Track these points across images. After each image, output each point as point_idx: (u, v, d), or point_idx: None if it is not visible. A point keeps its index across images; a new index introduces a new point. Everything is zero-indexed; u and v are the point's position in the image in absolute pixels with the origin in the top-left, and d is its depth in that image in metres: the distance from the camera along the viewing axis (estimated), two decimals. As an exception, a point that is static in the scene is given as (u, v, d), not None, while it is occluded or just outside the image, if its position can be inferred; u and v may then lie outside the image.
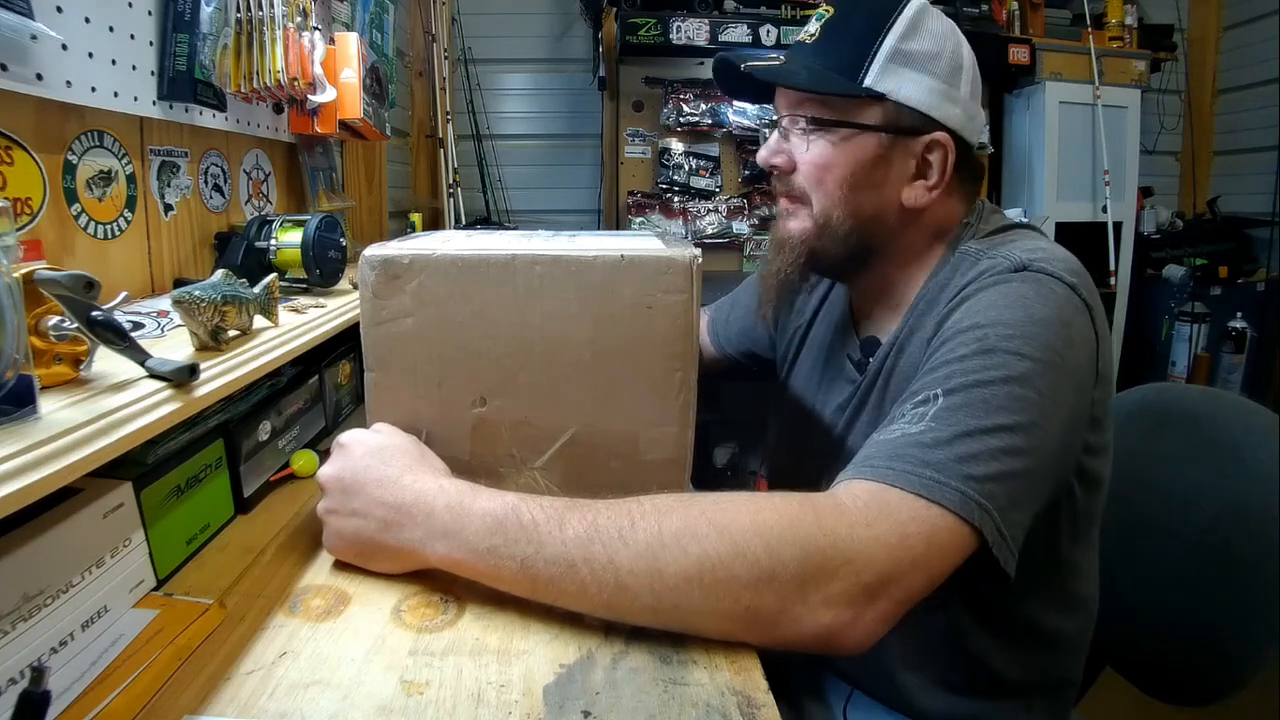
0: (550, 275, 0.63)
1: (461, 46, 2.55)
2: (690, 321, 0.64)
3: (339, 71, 1.17)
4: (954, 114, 0.68)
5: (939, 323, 0.63)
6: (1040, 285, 0.60)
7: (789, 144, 0.72)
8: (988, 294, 0.61)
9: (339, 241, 1.00)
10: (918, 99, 0.67)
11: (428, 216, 2.39)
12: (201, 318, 0.62)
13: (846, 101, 0.68)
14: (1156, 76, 2.80)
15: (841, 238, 0.70)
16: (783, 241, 0.74)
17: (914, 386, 0.59)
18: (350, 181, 1.72)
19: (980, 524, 0.50)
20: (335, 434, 0.96)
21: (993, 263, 0.63)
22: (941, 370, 0.57)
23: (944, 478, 0.50)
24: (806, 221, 0.72)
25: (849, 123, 0.68)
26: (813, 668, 0.82)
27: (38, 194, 0.74)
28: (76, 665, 0.47)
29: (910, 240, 0.72)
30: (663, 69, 2.47)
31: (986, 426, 0.52)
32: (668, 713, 0.46)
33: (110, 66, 0.81)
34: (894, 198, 0.69)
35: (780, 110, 0.73)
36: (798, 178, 0.71)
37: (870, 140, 0.68)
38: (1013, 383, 0.54)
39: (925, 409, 0.55)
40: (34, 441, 0.41)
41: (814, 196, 0.70)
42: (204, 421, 0.67)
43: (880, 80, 0.66)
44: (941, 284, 0.68)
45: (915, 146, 0.68)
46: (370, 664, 0.50)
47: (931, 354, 0.61)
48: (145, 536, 0.57)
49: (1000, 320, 0.57)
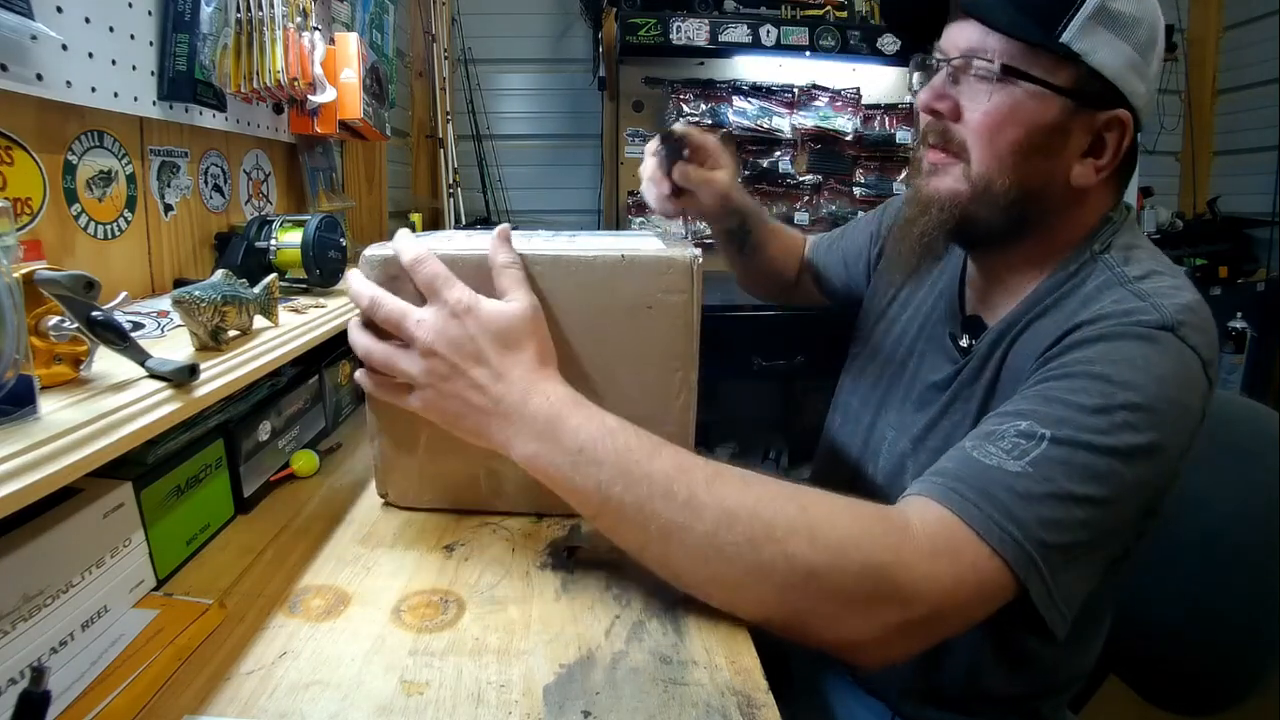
0: (550, 275, 0.62)
1: (461, 46, 2.55)
2: (691, 321, 0.63)
3: (339, 71, 1.17)
4: (1140, 91, 0.61)
5: (1064, 333, 0.59)
6: (1182, 359, 0.55)
7: (957, 89, 0.64)
8: (1129, 346, 0.55)
9: (339, 242, 1.00)
10: (1111, 67, 0.59)
11: (428, 216, 2.39)
12: (201, 318, 0.62)
13: (1037, 54, 0.60)
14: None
15: (1003, 207, 0.64)
16: (929, 200, 0.67)
17: (1020, 400, 0.56)
18: (350, 181, 1.72)
19: (1028, 581, 0.50)
20: (334, 434, 0.97)
21: (1140, 305, 0.57)
22: (1058, 408, 0.54)
23: (1021, 536, 0.49)
24: (961, 183, 0.65)
25: (1039, 79, 0.60)
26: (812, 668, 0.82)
27: (38, 194, 0.74)
28: (76, 665, 0.47)
29: (1067, 221, 0.66)
30: (663, 69, 2.47)
31: (1077, 495, 0.51)
32: (668, 713, 0.46)
33: (110, 66, 0.81)
34: (1063, 172, 0.63)
35: (950, 50, 0.64)
36: (961, 129, 0.64)
37: (1054, 103, 0.60)
38: (1117, 457, 0.52)
39: (1028, 447, 0.52)
40: (34, 441, 0.41)
41: (976, 153, 0.63)
42: (204, 421, 0.67)
43: (1078, 38, 0.59)
44: (1074, 287, 0.63)
45: (1096, 121, 0.61)
46: (370, 664, 0.50)
47: (1049, 372, 0.57)
48: (145, 536, 0.57)
49: (1133, 384, 0.53)
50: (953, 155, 0.66)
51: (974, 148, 0.64)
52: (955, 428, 0.69)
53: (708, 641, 0.54)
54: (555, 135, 2.78)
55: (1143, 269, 0.62)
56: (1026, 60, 0.60)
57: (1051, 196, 0.64)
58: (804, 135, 2.51)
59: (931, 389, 0.74)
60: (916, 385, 0.76)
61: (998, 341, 0.67)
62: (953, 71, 0.64)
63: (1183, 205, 2.99)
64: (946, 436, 0.70)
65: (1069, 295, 0.63)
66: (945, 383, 0.72)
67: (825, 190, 2.55)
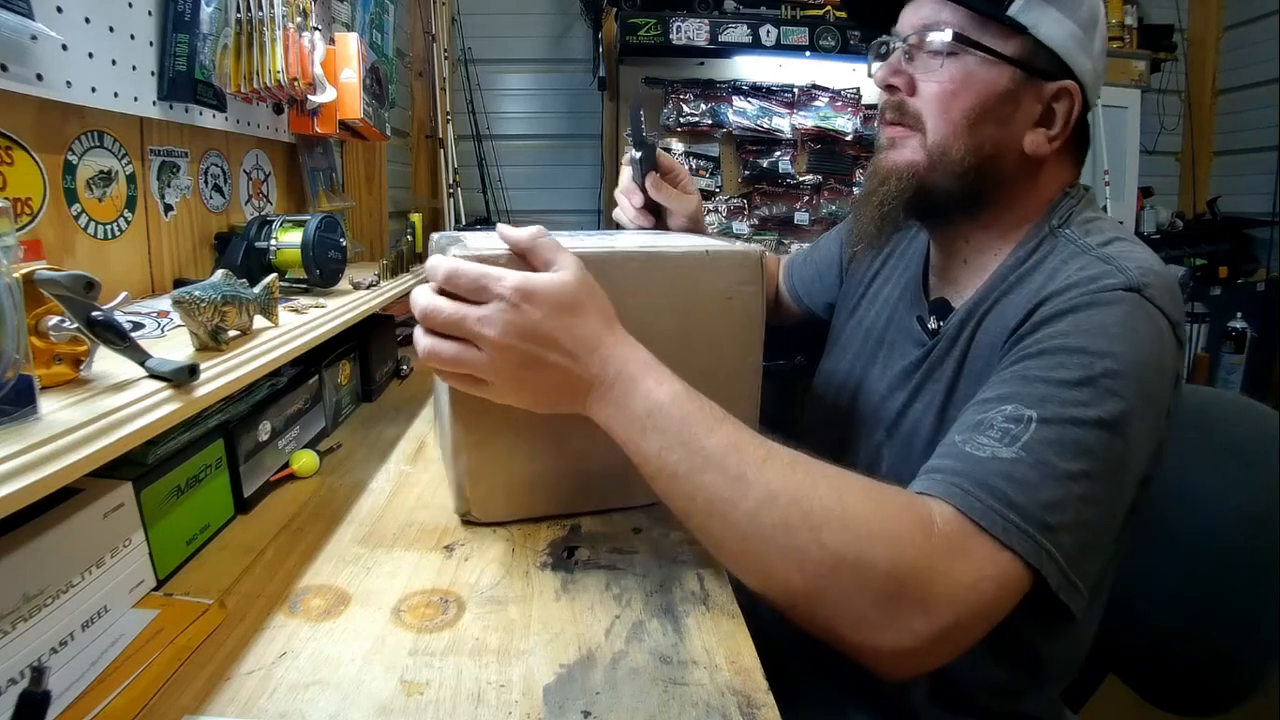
0: (644, 270, 0.66)
1: (461, 46, 2.55)
2: (760, 310, 0.69)
3: (339, 71, 1.17)
4: (1085, 66, 0.65)
5: (1033, 308, 0.60)
6: (1150, 319, 0.57)
7: (911, 65, 0.68)
8: (1099, 313, 0.57)
9: (339, 242, 1.00)
10: (1057, 40, 0.64)
11: (428, 217, 2.39)
12: (201, 318, 0.62)
13: (986, 25, 0.64)
14: (1156, 77, 2.81)
15: (958, 175, 0.66)
16: (888, 172, 0.69)
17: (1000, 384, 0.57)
18: (350, 181, 1.72)
19: (1046, 570, 0.50)
20: (334, 434, 0.97)
21: (1105, 269, 0.59)
22: (1039, 387, 0.54)
23: (1026, 524, 0.50)
24: (919, 153, 0.67)
25: (988, 48, 0.64)
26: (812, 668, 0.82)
27: (38, 194, 0.74)
28: (76, 665, 0.47)
29: (1022, 192, 0.68)
30: (663, 69, 2.47)
31: (1073, 471, 0.51)
32: (668, 713, 0.46)
33: (110, 67, 0.81)
34: (1015, 140, 0.66)
35: (906, 29, 0.68)
36: (916, 102, 0.67)
37: (1004, 73, 0.64)
38: (1105, 427, 0.52)
39: (1018, 431, 0.53)
40: (34, 441, 0.41)
41: (931, 124, 0.66)
42: (204, 421, 0.67)
43: (1025, 12, 0.63)
44: (1036, 263, 0.65)
45: (1045, 91, 0.65)
46: (370, 664, 0.50)
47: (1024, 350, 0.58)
48: (145, 536, 0.57)
49: (1109, 352, 0.54)
50: (909, 128, 0.68)
51: (929, 117, 0.66)
52: (926, 410, 0.69)
53: (708, 641, 0.54)
54: (555, 135, 2.78)
55: (1104, 237, 0.63)
56: (977, 30, 0.64)
57: (1006, 165, 0.67)
58: (804, 135, 2.51)
59: (901, 374, 0.74)
60: (887, 375, 0.77)
61: (965, 321, 0.68)
62: (908, 50, 0.68)
63: (1183, 205, 2.99)
64: (918, 420, 0.70)
65: (1033, 271, 0.65)
66: (914, 366, 0.73)
67: (825, 190, 2.55)
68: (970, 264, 0.72)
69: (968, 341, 0.67)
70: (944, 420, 0.67)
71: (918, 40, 0.66)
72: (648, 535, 0.71)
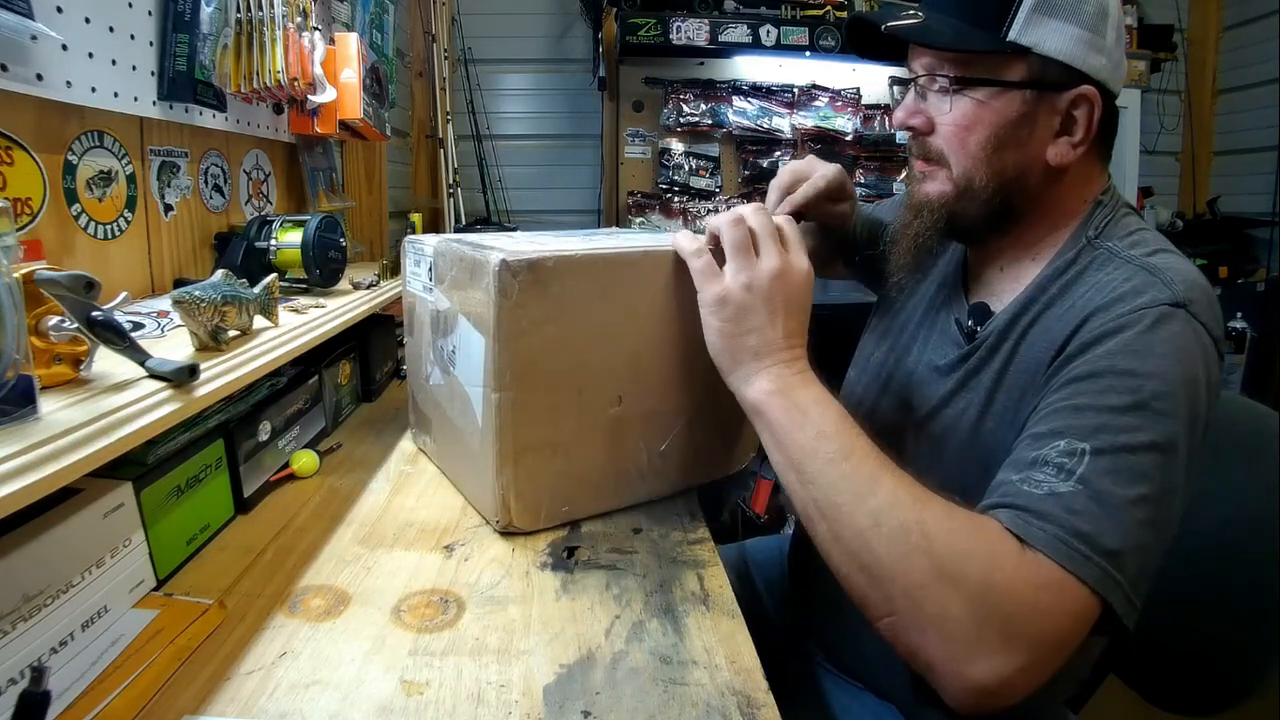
0: (679, 270, 0.69)
1: (461, 46, 2.55)
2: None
3: (339, 71, 1.17)
4: (1099, 64, 0.64)
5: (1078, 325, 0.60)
6: (1196, 336, 0.57)
7: (926, 104, 0.69)
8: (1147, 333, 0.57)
9: (339, 242, 1.00)
10: (1063, 51, 0.63)
11: (428, 216, 2.39)
12: (201, 318, 0.62)
13: (989, 58, 0.65)
14: (1156, 76, 2.81)
15: (984, 200, 0.68)
16: (920, 205, 0.72)
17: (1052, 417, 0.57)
18: (350, 181, 1.72)
19: (1112, 598, 0.50)
20: (334, 434, 0.97)
21: (1150, 280, 0.59)
22: (1090, 417, 0.55)
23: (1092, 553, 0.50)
24: (946, 185, 0.69)
25: (993, 80, 0.65)
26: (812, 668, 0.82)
27: (38, 194, 0.74)
28: (76, 665, 0.47)
29: (1053, 200, 0.69)
30: (663, 69, 2.47)
31: (1131, 497, 0.52)
32: (668, 713, 0.46)
33: (110, 67, 0.81)
34: (1039, 156, 0.66)
35: (916, 69, 0.69)
36: (936, 139, 0.69)
37: (1015, 98, 0.65)
38: (1158, 450, 0.53)
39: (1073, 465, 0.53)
40: (34, 441, 0.41)
41: (954, 158, 0.68)
42: (204, 421, 0.67)
43: (1024, 33, 0.63)
44: (1077, 273, 0.65)
45: (1060, 102, 0.64)
46: (370, 664, 0.50)
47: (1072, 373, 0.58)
48: (145, 536, 0.57)
49: (1157, 373, 0.55)
50: (935, 163, 0.69)
51: (950, 154, 0.68)
52: (961, 415, 0.69)
53: (708, 641, 0.54)
54: (555, 135, 2.78)
55: (1149, 248, 0.64)
56: (978, 67, 0.65)
57: (1031, 181, 0.67)
58: (804, 135, 2.52)
59: (935, 372, 0.74)
60: (919, 369, 0.77)
61: (1006, 331, 0.68)
62: (920, 89, 0.69)
63: (1183, 205, 2.99)
64: (951, 423, 0.70)
65: (1074, 282, 0.65)
66: (951, 367, 0.72)
67: (825, 190, 2.55)
68: (1006, 272, 0.72)
69: (1009, 353, 0.67)
70: (979, 429, 0.67)
71: (928, 80, 0.68)
72: (648, 535, 0.71)
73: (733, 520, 1.90)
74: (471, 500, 0.75)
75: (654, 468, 0.76)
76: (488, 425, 0.66)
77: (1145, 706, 0.86)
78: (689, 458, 0.78)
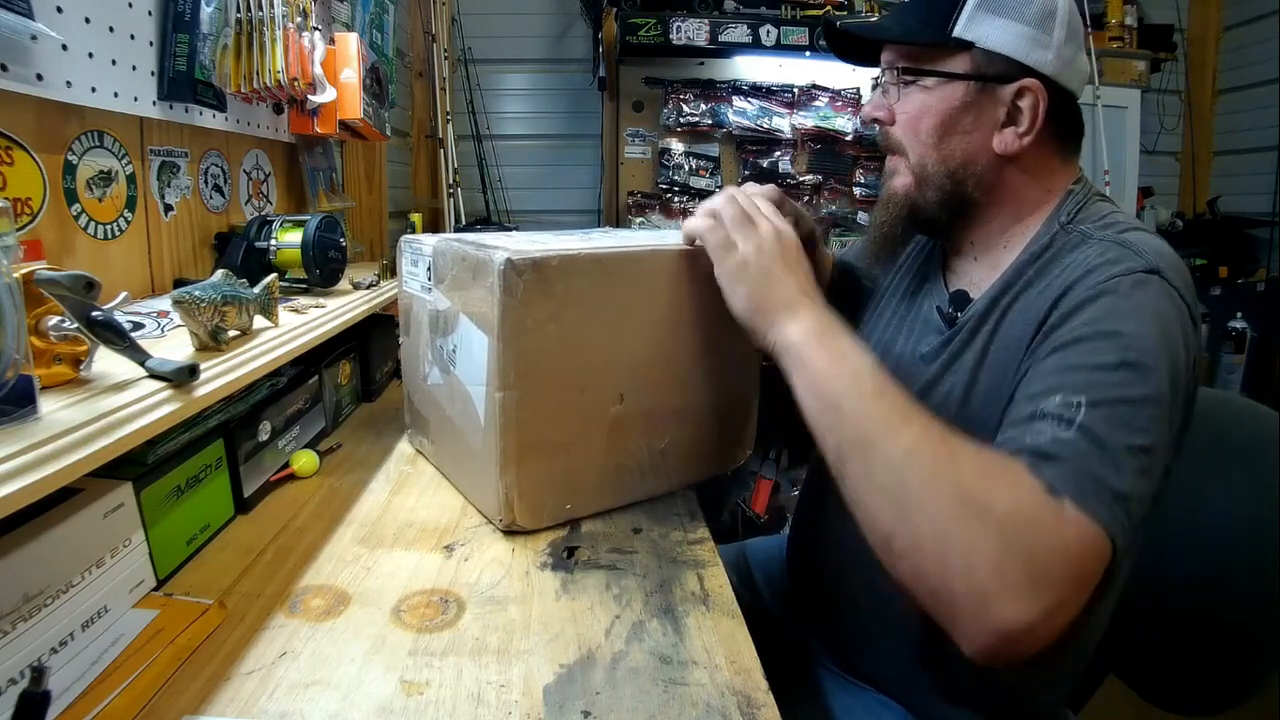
0: (679, 268, 0.71)
1: (461, 46, 2.55)
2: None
3: (339, 71, 1.17)
4: (1045, 59, 0.68)
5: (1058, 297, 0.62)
6: (1170, 300, 0.59)
7: (888, 98, 0.74)
8: (1126, 296, 0.59)
9: (339, 242, 1.00)
10: (1006, 45, 0.68)
11: (428, 216, 2.39)
12: (201, 318, 0.62)
13: (936, 51, 0.70)
14: (1156, 77, 2.80)
15: (937, 186, 0.72)
16: (889, 198, 0.77)
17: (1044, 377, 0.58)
18: (350, 181, 1.72)
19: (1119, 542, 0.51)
20: (334, 434, 0.97)
21: (1124, 253, 0.62)
22: (1083, 375, 0.56)
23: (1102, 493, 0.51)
24: (908, 176, 0.74)
25: (936, 71, 0.70)
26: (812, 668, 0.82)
27: (38, 194, 0.74)
28: (76, 665, 0.47)
29: (1009, 189, 0.72)
30: (663, 69, 2.47)
31: (1130, 446, 0.53)
32: (668, 713, 0.46)
33: (110, 67, 0.81)
34: (984, 144, 0.71)
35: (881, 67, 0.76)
36: (896, 130, 0.74)
37: (958, 88, 0.70)
38: (1150, 403, 0.55)
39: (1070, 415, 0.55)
40: (34, 441, 0.41)
41: (908, 146, 0.73)
42: (204, 421, 0.67)
43: (968, 29, 0.68)
44: (1052, 256, 0.68)
45: (1004, 94, 0.69)
46: (370, 664, 0.50)
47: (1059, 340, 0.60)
48: (145, 536, 0.57)
49: (1142, 332, 0.57)
50: (898, 154, 0.75)
51: (905, 142, 0.73)
52: (946, 397, 0.70)
53: (708, 641, 0.54)
54: (555, 135, 2.78)
55: (1121, 227, 0.67)
56: (926, 60, 0.71)
57: (980, 168, 0.72)
58: (804, 135, 2.51)
59: (920, 360, 0.76)
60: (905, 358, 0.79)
61: (987, 313, 0.70)
62: (884, 86, 0.75)
63: (1183, 205, 2.99)
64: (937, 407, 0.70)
65: (1050, 264, 0.67)
66: (934, 353, 0.75)
67: (825, 190, 2.55)
68: (981, 260, 0.76)
69: (990, 333, 0.69)
70: (965, 408, 0.68)
71: (889, 77, 0.74)
72: (648, 535, 0.71)
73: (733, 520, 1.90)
74: (473, 500, 0.75)
75: (655, 465, 0.76)
76: (490, 424, 0.66)
77: (1145, 706, 0.86)
78: (690, 455, 0.78)
